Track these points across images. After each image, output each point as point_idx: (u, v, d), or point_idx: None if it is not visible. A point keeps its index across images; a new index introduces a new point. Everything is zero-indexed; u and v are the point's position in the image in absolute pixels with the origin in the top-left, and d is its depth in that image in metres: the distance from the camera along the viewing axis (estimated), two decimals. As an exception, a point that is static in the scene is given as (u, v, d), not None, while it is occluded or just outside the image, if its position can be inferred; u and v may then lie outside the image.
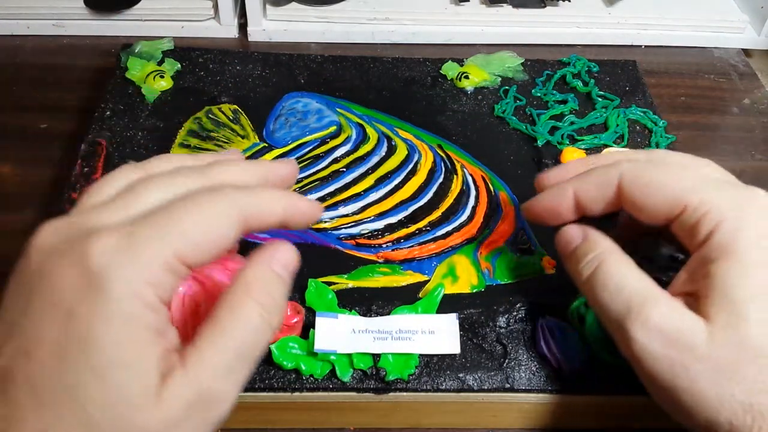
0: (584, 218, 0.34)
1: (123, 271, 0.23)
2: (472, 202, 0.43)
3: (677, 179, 0.31)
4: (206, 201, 0.26)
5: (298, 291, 0.37)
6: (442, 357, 0.35)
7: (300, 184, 0.44)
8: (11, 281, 0.25)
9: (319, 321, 0.35)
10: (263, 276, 0.27)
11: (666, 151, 0.35)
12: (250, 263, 0.28)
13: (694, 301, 0.29)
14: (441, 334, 0.35)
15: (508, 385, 0.35)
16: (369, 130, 0.48)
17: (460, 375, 0.35)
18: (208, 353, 0.25)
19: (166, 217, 0.25)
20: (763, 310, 0.27)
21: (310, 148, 0.46)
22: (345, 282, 0.38)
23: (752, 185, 0.31)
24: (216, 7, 0.60)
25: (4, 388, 0.23)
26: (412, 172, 0.45)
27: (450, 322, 0.36)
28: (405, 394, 0.34)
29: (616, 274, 0.30)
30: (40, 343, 0.23)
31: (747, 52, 0.64)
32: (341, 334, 0.35)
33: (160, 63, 0.51)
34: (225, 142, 0.46)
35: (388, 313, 0.36)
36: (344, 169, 0.45)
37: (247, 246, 0.39)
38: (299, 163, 0.45)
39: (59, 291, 0.23)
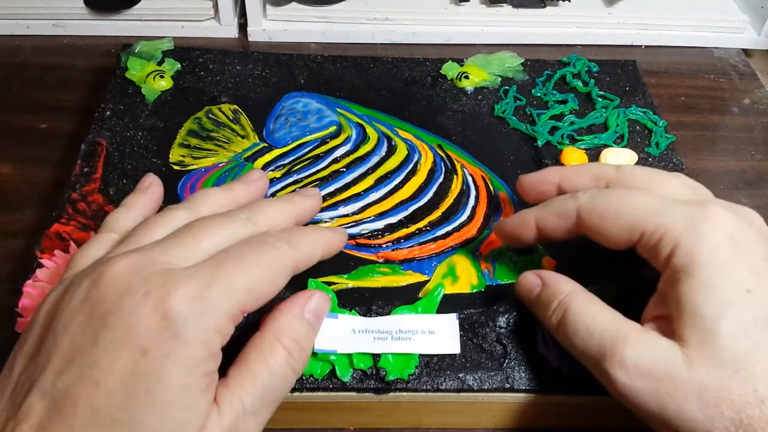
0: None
1: (199, 320, 0.26)
2: (472, 202, 0.43)
3: (632, 206, 0.31)
4: (268, 256, 0.29)
5: (298, 291, 0.37)
6: (442, 357, 0.35)
7: (300, 184, 0.44)
8: (75, 306, 0.26)
9: (319, 321, 0.35)
10: (294, 324, 0.30)
11: (633, 169, 0.35)
12: (284, 309, 0.31)
13: (668, 324, 0.30)
14: (441, 334, 0.35)
15: (508, 385, 0.35)
16: (369, 130, 0.48)
17: (460, 375, 0.35)
18: (238, 395, 0.27)
19: (236, 268, 0.28)
20: (732, 322, 0.28)
21: (310, 148, 0.46)
22: (345, 282, 0.38)
23: (752, 185, 0.31)
24: (216, 7, 0.60)
25: (64, 412, 0.24)
26: (412, 172, 0.45)
27: (450, 322, 0.36)
28: (405, 394, 0.34)
29: (584, 318, 0.31)
30: (110, 374, 0.24)
31: (747, 52, 0.64)
32: (341, 334, 0.35)
33: (160, 63, 0.51)
34: (225, 142, 0.46)
35: (388, 313, 0.36)
36: (344, 169, 0.45)
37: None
38: (299, 163, 0.45)
39: (136, 330, 0.25)
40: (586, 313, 0.31)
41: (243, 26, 0.61)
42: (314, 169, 0.45)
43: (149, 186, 0.36)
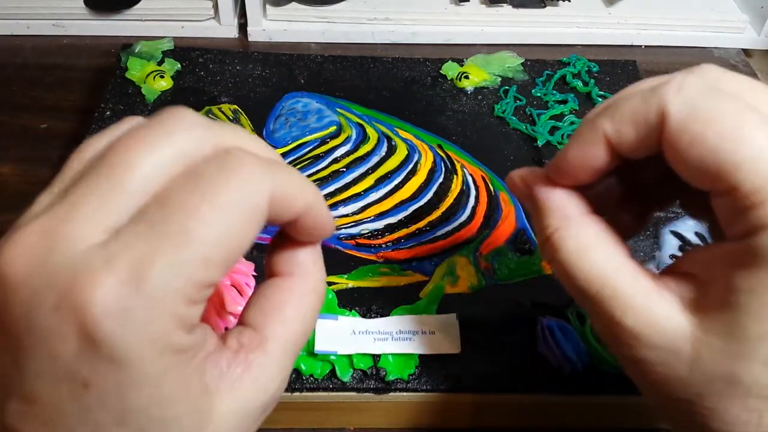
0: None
1: (137, 334, 0.18)
2: (472, 202, 0.43)
3: (736, 141, 0.21)
4: (227, 186, 0.19)
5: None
6: (442, 357, 0.35)
7: (300, 184, 0.44)
8: None
9: (319, 323, 0.35)
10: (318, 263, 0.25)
11: (724, 72, 0.24)
12: (310, 256, 0.25)
13: (698, 291, 0.23)
14: (441, 334, 0.35)
15: (508, 385, 0.35)
16: (369, 130, 0.48)
17: (460, 375, 0.35)
18: (280, 356, 0.23)
19: (175, 226, 0.18)
20: None
21: (310, 148, 0.46)
22: (345, 282, 0.38)
23: None
24: (216, 7, 0.60)
25: None
26: (412, 172, 0.45)
27: (450, 322, 0.36)
28: (405, 394, 0.34)
29: (580, 266, 0.24)
30: (60, 413, 0.18)
31: (747, 52, 0.64)
32: (341, 335, 0.35)
33: (160, 63, 0.51)
34: (225, 142, 0.46)
35: (388, 313, 0.36)
36: (344, 169, 0.45)
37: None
38: (299, 163, 0.45)
39: (62, 358, 0.18)
40: (583, 260, 0.24)
41: (243, 26, 0.61)
42: (314, 169, 0.45)
43: None
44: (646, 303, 0.23)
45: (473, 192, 0.44)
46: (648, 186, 0.28)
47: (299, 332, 0.24)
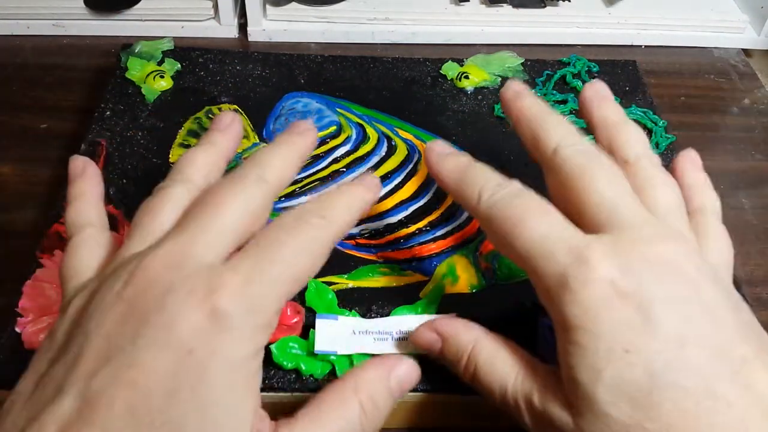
0: None
1: (246, 317, 0.24)
2: (472, 202, 0.43)
3: (528, 232, 0.29)
4: (307, 237, 0.27)
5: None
6: (442, 357, 0.35)
7: (300, 184, 0.44)
8: (108, 304, 0.25)
9: (319, 323, 0.35)
10: (376, 384, 0.29)
11: (570, 155, 0.31)
12: (370, 367, 0.29)
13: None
14: (441, 334, 0.35)
15: (508, 385, 0.34)
16: (369, 130, 0.48)
17: (460, 375, 0.35)
18: None
19: (277, 257, 0.26)
20: (608, 388, 0.25)
21: (310, 148, 0.46)
22: (345, 282, 0.38)
23: (752, 185, 0.29)
24: (216, 7, 0.60)
25: (97, 414, 0.22)
26: (412, 172, 0.45)
27: (450, 322, 0.36)
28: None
29: (495, 373, 0.30)
30: (151, 375, 0.23)
31: (747, 52, 0.64)
32: (341, 335, 0.35)
33: (160, 63, 0.51)
34: (225, 142, 0.46)
35: (388, 313, 0.36)
36: (344, 169, 0.45)
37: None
38: (299, 163, 0.45)
39: (181, 328, 0.23)
40: (496, 367, 0.30)
41: (243, 26, 0.61)
42: (314, 169, 0.45)
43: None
44: (543, 397, 0.28)
45: (473, 192, 0.44)
46: None
47: None
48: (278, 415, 0.36)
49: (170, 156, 0.45)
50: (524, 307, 0.37)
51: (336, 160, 0.45)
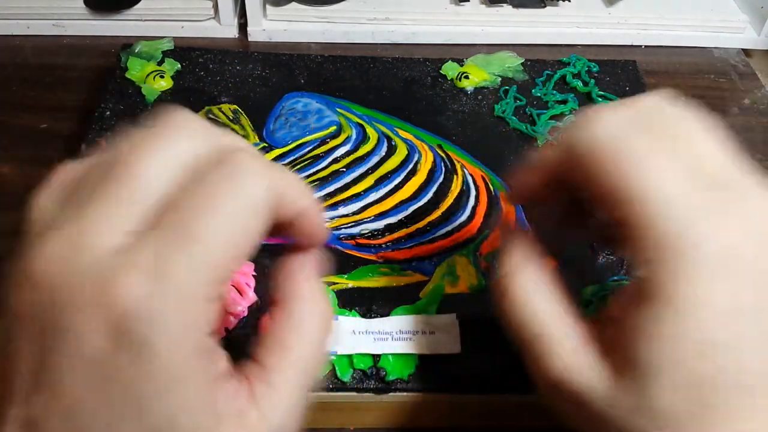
0: None
1: (164, 326, 0.19)
2: (472, 202, 0.43)
3: (633, 178, 0.23)
4: (232, 188, 0.20)
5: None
6: (442, 357, 0.35)
7: (300, 184, 0.44)
8: (14, 324, 0.20)
9: (319, 321, 0.35)
10: (320, 286, 0.25)
11: (662, 107, 0.27)
12: (297, 271, 0.25)
13: (616, 335, 0.24)
14: (441, 334, 0.35)
15: (508, 385, 0.35)
16: (369, 130, 0.48)
17: (460, 375, 0.35)
18: (284, 392, 0.23)
19: (187, 228, 0.20)
20: (676, 381, 0.22)
21: (310, 148, 0.46)
22: (345, 282, 0.38)
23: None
24: (216, 7, 0.60)
25: None
26: (412, 172, 0.45)
27: (450, 322, 0.36)
28: (405, 394, 0.34)
29: (520, 311, 0.26)
30: (82, 404, 0.19)
31: (747, 52, 0.64)
32: (341, 335, 0.35)
33: (160, 63, 0.51)
34: (225, 142, 0.46)
35: (388, 313, 0.36)
36: (344, 169, 0.45)
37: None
38: (299, 163, 0.45)
39: (92, 353, 0.19)
40: (526, 306, 0.26)
41: (243, 26, 0.61)
42: (314, 169, 0.45)
43: None
44: (571, 352, 0.25)
45: (473, 192, 0.44)
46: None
47: (303, 360, 0.23)
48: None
49: (170, 156, 0.45)
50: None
51: (336, 160, 0.45)
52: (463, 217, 0.42)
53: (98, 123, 0.46)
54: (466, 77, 0.52)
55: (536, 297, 0.26)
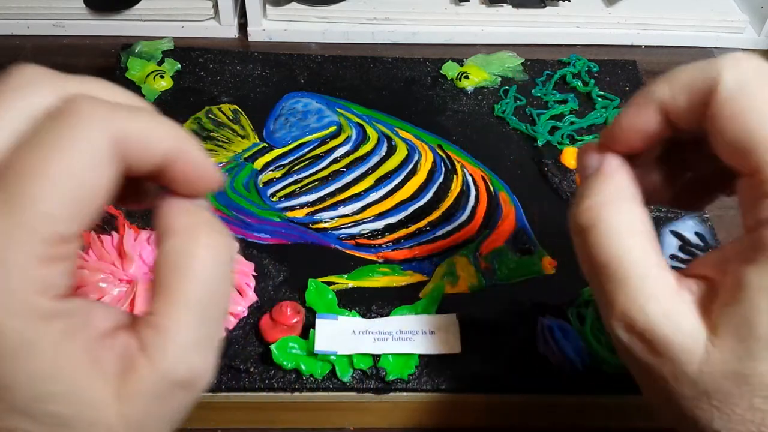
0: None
1: None
2: (472, 202, 0.43)
3: None
4: (61, 137, 0.19)
5: (298, 291, 0.37)
6: (442, 357, 0.35)
7: (300, 184, 0.44)
8: None
9: (319, 323, 0.35)
10: (199, 216, 0.22)
11: None
12: (179, 208, 0.22)
13: (711, 293, 0.23)
14: (441, 334, 0.35)
15: (508, 385, 0.35)
16: (369, 130, 0.48)
17: (460, 375, 0.35)
18: (172, 332, 0.20)
19: (13, 188, 0.18)
20: None
21: (310, 148, 0.46)
22: (345, 282, 0.38)
23: None
24: (216, 7, 0.60)
25: None
26: (412, 172, 0.45)
27: (450, 322, 0.36)
28: (405, 394, 0.34)
29: (610, 247, 0.24)
30: None
31: (747, 52, 0.64)
32: (341, 335, 0.35)
33: (160, 63, 0.51)
34: (225, 142, 0.46)
35: (388, 313, 0.36)
36: (344, 169, 0.45)
37: (247, 245, 0.39)
38: (299, 163, 0.45)
39: None
40: (616, 243, 0.23)
41: (243, 26, 0.61)
42: (314, 169, 0.45)
43: None
44: (670, 298, 0.23)
45: (473, 192, 0.44)
46: (692, 165, 0.27)
47: (194, 296, 0.21)
48: (278, 415, 0.36)
49: (170, 156, 0.45)
50: (524, 307, 0.37)
51: (336, 160, 0.45)
52: (463, 217, 0.42)
53: (98, 123, 0.46)
54: (466, 77, 0.51)
55: (632, 235, 0.24)
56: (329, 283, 0.38)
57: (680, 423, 0.24)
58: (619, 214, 0.24)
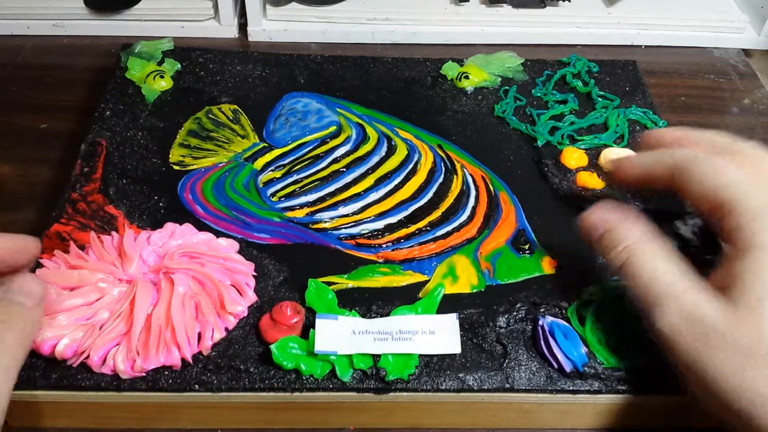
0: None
1: None
2: (472, 202, 0.43)
3: (716, 178, 0.32)
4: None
5: (298, 291, 0.37)
6: (442, 357, 0.35)
7: (300, 184, 0.44)
8: None
9: (319, 323, 0.35)
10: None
11: (745, 146, 0.35)
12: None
13: (723, 295, 0.31)
14: (441, 334, 0.35)
15: (508, 385, 0.35)
16: (369, 130, 0.48)
17: (460, 375, 0.35)
18: None
19: None
20: None
21: (310, 148, 0.46)
22: (345, 282, 0.38)
23: None
24: (216, 7, 0.60)
25: None
26: (412, 172, 0.45)
27: (450, 322, 0.36)
28: (405, 394, 0.34)
29: (647, 269, 0.32)
30: None
31: (747, 52, 0.64)
32: (341, 335, 0.35)
33: (160, 63, 0.51)
34: (225, 142, 0.46)
35: (388, 314, 0.36)
36: (344, 169, 0.45)
37: (247, 245, 0.39)
38: (299, 163, 0.45)
39: None
40: (650, 264, 0.32)
41: (243, 26, 0.61)
42: (314, 169, 0.45)
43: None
44: (701, 292, 0.31)
45: (473, 192, 0.44)
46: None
47: None
48: (278, 415, 0.36)
49: (170, 156, 0.45)
50: (524, 307, 0.37)
51: (336, 160, 0.45)
52: (463, 217, 0.42)
53: (98, 123, 0.46)
54: (466, 77, 0.52)
55: (664, 261, 0.32)
56: (329, 283, 0.38)
57: (726, 408, 0.29)
58: (651, 251, 0.33)
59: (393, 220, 0.42)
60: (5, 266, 0.30)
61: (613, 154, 0.46)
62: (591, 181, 0.44)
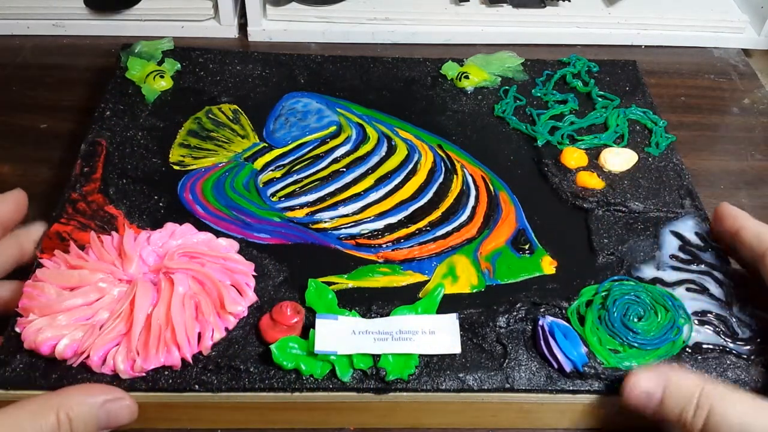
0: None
1: None
2: (472, 202, 0.43)
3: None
4: None
5: (298, 291, 0.37)
6: (442, 357, 0.35)
7: (300, 184, 0.44)
8: None
9: (319, 323, 0.35)
10: (82, 407, 0.30)
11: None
12: (83, 388, 0.31)
13: None
14: (441, 334, 0.35)
15: (508, 385, 0.35)
16: (369, 130, 0.48)
17: (460, 375, 0.35)
18: None
19: None
20: None
21: (310, 148, 0.46)
22: (345, 282, 0.38)
23: (752, 185, 0.31)
24: (216, 7, 0.60)
25: None
26: (412, 172, 0.45)
27: (450, 322, 0.36)
28: (405, 394, 0.34)
29: (733, 415, 0.30)
30: None
31: (747, 52, 0.64)
32: (341, 335, 0.35)
33: (160, 63, 0.51)
34: (225, 142, 0.46)
35: (388, 314, 0.36)
36: (344, 169, 0.45)
37: (247, 245, 0.39)
38: (299, 163, 0.45)
39: None
40: (733, 410, 0.31)
41: (243, 26, 0.61)
42: (314, 169, 0.45)
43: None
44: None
45: (473, 192, 0.44)
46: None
47: None
48: (278, 415, 0.36)
49: (170, 156, 0.45)
50: (524, 307, 0.37)
51: (336, 160, 0.45)
52: (463, 217, 0.42)
53: (98, 123, 0.46)
54: (466, 77, 0.52)
55: (740, 401, 0.31)
56: (329, 283, 0.38)
57: None
58: (718, 390, 0.31)
59: (393, 220, 0.42)
60: (12, 224, 0.36)
61: (612, 154, 0.46)
62: (591, 181, 0.44)
